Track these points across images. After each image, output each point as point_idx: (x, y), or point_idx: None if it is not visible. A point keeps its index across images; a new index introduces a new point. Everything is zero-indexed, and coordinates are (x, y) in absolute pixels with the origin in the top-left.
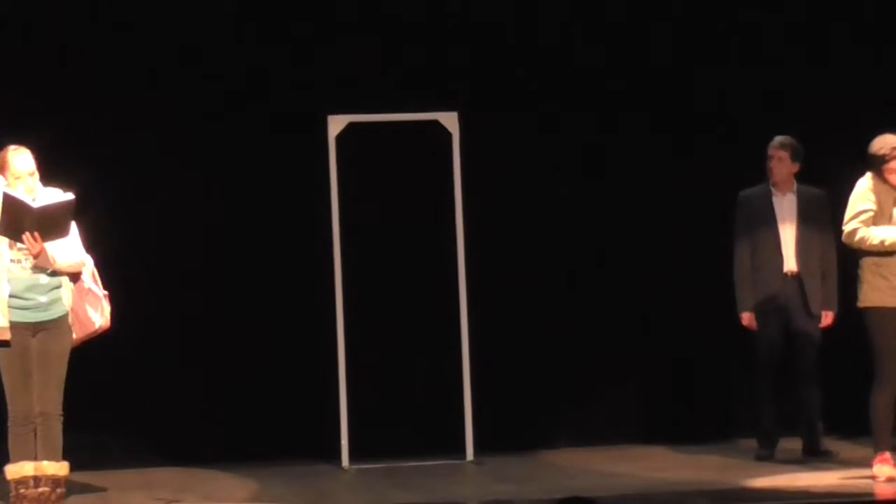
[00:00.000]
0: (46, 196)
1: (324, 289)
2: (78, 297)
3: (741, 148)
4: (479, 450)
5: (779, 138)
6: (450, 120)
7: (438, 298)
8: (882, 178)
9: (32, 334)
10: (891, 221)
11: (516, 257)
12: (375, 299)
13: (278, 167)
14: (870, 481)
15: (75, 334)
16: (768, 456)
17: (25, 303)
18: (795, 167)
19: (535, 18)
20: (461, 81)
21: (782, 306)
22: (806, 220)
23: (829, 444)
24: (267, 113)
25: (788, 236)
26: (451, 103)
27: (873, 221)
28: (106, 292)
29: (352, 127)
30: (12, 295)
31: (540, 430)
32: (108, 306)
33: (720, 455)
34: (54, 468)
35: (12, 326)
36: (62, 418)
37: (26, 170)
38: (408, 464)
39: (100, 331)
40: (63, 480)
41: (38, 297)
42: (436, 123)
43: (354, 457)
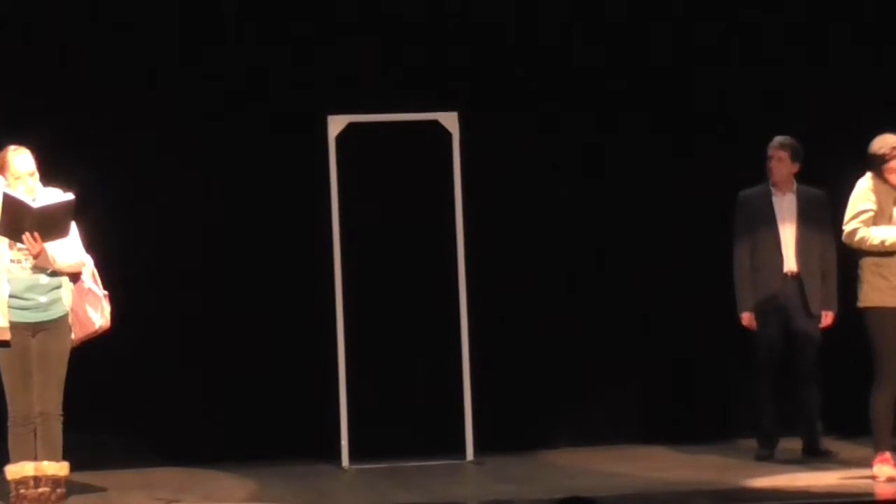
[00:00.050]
0: (46, 196)
1: (324, 289)
2: (78, 297)
3: (741, 148)
4: (479, 450)
5: (779, 138)
6: (450, 120)
7: (438, 298)
8: (882, 178)
9: (32, 334)
10: (891, 221)
11: (516, 257)
12: (375, 299)
13: (278, 167)
14: (870, 481)
15: (75, 334)
16: (768, 456)
17: (25, 303)
18: (795, 167)
19: (535, 18)
20: (461, 81)
21: (782, 306)
22: (806, 220)
23: (829, 444)
24: (267, 113)
25: (788, 236)
26: (451, 103)
27: (873, 221)
28: (106, 292)
29: (352, 127)
30: (12, 295)
31: (540, 430)
32: (108, 306)
33: (720, 455)
34: (54, 468)
35: (12, 326)
36: (62, 418)
37: (26, 170)
38: (408, 464)
39: (100, 331)
40: (63, 481)
41: (38, 297)
42: (436, 123)
43: (354, 457)
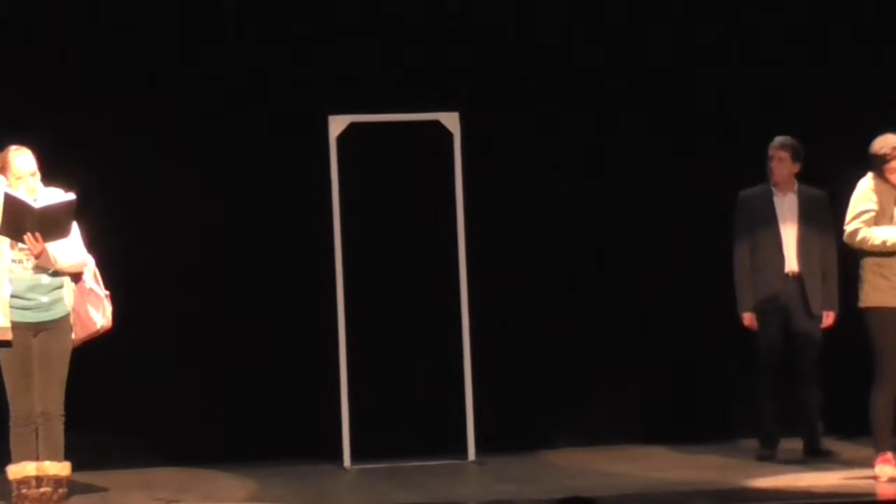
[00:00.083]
0: (47, 196)
1: (325, 289)
2: (79, 297)
3: (741, 148)
4: (480, 450)
5: (779, 138)
6: (451, 120)
7: (439, 298)
8: (883, 178)
9: (34, 334)
10: (892, 221)
11: (517, 257)
12: (376, 299)
13: (279, 167)
14: (871, 482)
15: (77, 334)
16: (769, 456)
17: (27, 303)
18: (796, 167)
19: (535, 18)
20: (462, 81)
21: (783, 306)
22: (807, 220)
23: (830, 444)
24: (267, 113)
25: (789, 236)
26: (451, 103)
27: (874, 221)
28: (107, 292)
29: (353, 127)
30: (14, 295)
31: (540, 430)
32: (109, 306)
33: (720, 455)
34: (56, 468)
35: (14, 326)
36: (64, 418)
37: (27, 170)
38: (409, 464)
39: (101, 331)
40: (65, 480)
41: (39, 297)
42: (437, 124)
43: (356, 457)
